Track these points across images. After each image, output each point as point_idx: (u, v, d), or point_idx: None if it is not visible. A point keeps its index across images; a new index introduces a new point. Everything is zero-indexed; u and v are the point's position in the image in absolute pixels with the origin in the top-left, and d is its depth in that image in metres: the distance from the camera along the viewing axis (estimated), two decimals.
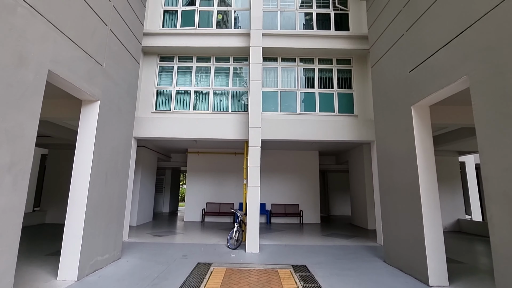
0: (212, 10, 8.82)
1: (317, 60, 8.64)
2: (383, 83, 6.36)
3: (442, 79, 4.35)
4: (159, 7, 8.77)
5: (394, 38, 5.89)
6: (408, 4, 5.38)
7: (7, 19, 3.35)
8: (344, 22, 8.80)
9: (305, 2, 8.92)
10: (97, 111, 5.25)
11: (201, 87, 8.47)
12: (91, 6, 4.96)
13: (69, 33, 4.42)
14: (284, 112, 8.25)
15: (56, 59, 4.15)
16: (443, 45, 4.36)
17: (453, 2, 4.18)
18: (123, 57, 6.24)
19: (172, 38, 8.31)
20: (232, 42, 8.24)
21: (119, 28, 6.04)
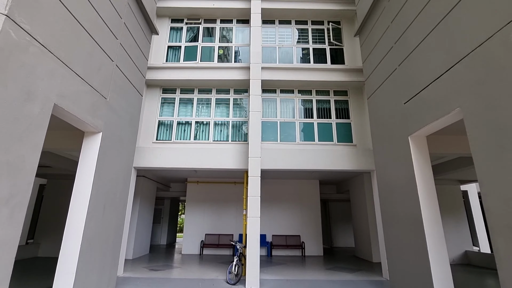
0: (214, 45, 9.29)
1: (314, 91, 8.92)
2: (379, 114, 6.51)
3: (436, 111, 4.48)
4: (164, 43, 9.24)
5: (387, 72, 6.15)
6: (399, 41, 5.69)
7: (19, 58, 3.53)
8: (339, 56, 9.21)
9: (301, 38, 9.42)
10: (98, 142, 5.32)
11: (202, 117, 8.65)
12: (99, 44, 5.25)
13: (77, 69, 4.63)
14: (284, 141, 8.34)
15: (63, 94, 4.30)
16: (434, 78, 4.54)
17: (441, 39, 4.43)
18: (127, 90, 6.46)
19: (175, 72, 8.66)
20: (233, 75, 8.57)
21: (125, 63, 6.33)
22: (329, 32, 9.32)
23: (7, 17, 3.35)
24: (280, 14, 9.40)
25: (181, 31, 9.47)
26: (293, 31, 9.50)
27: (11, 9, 3.39)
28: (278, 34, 9.47)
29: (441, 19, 4.40)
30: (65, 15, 4.34)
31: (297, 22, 9.54)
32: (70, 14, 4.43)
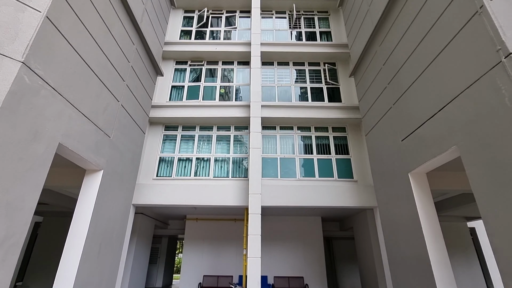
0: (216, 85, 9.71)
1: (313, 128, 9.11)
2: (378, 150, 6.59)
3: (433, 148, 4.55)
4: (168, 83, 9.67)
5: (383, 110, 6.36)
6: (392, 82, 5.98)
7: (30, 100, 3.71)
8: (336, 95, 9.57)
9: (299, 78, 9.88)
10: (99, 180, 5.34)
11: (202, 154, 8.74)
12: (107, 86, 5.52)
13: (84, 109, 4.82)
14: (284, 177, 8.32)
15: (68, 133, 4.43)
16: (429, 117, 4.69)
17: (432, 81, 4.66)
18: (130, 129, 6.64)
19: (177, 110, 8.94)
20: (233, 112, 8.84)
21: (130, 103, 6.58)
22: (325, 73, 9.79)
23: (23, 64, 3.59)
24: (278, 57, 9.96)
25: (184, 72, 9.97)
26: (291, 71, 9.99)
27: (27, 56, 3.64)
28: (277, 74, 9.95)
29: (430, 62, 4.68)
30: (77, 60, 4.64)
31: (295, 64, 10.08)
32: (81, 59, 4.74)
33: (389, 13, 6.24)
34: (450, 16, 4.20)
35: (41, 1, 3.93)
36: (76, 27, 4.59)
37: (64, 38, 4.29)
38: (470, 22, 3.78)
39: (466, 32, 3.87)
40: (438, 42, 4.47)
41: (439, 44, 4.43)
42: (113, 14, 5.74)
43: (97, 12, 5.18)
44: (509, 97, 3.21)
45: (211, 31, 10.61)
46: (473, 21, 3.74)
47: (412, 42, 5.21)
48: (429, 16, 4.73)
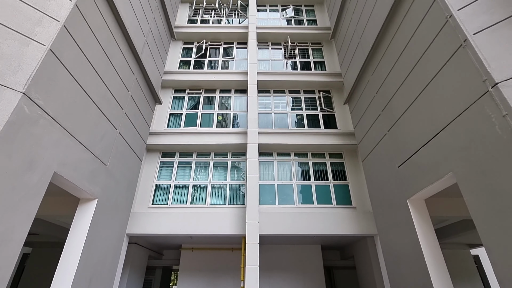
0: (213, 112, 9.87)
1: (310, 154, 9.15)
2: (375, 176, 6.59)
3: (429, 175, 4.57)
4: (166, 111, 9.82)
5: (378, 137, 6.45)
6: (385, 109, 6.13)
7: (28, 130, 3.73)
8: (332, 121, 9.74)
9: (295, 105, 10.10)
10: (93, 209, 5.22)
11: (199, 181, 8.65)
12: (105, 114, 5.59)
13: (81, 138, 4.84)
14: (282, 204, 8.19)
15: (64, 162, 4.40)
16: (423, 144, 4.76)
17: (424, 109, 4.79)
18: (127, 156, 6.62)
19: (175, 137, 8.99)
20: (231, 139, 8.90)
21: (128, 131, 6.63)
22: (320, 100, 10.04)
23: (24, 94, 3.66)
24: (274, 85, 10.25)
25: (183, 100, 10.17)
26: (287, 99, 10.24)
27: (29, 87, 3.72)
28: (274, 101, 10.18)
29: (420, 91, 4.84)
30: (77, 90, 4.74)
31: (291, 91, 10.35)
32: (81, 89, 4.84)
33: (379, 45, 6.56)
34: (437, 49, 4.42)
35: (46, 35, 4.10)
36: (78, 59, 4.74)
37: (66, 69, 4.42)
38: (455, 54, 3.97)
39: (453, 63, 4.06)
40: (427, 72, 4.66)
41: (428, 74, 4.62)
42: (114, 46, 5.97)
43: (100, 44, 5.38)
44: (499, 125, 3.29)
45: (209, 61, 10.99)
46: (458, 53, 3.93)
47: (403, 72, 5.43)
48: (417, 48, 4.97)
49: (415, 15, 5.02)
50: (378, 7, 6.57)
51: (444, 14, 4.19)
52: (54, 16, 4.29)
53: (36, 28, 4.05)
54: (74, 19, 4.58)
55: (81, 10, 4.77)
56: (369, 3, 7.15)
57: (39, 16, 4.15)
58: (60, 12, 4.37)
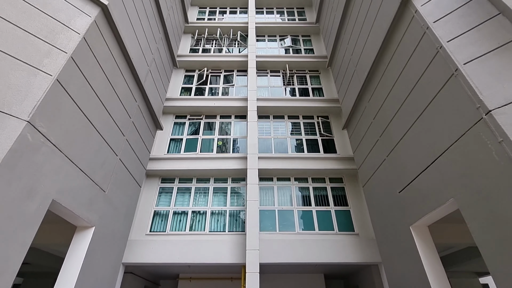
0: (213, 137, 9.97)
1: (310, 179, 9.11)
2: (376, 202, 6.52)
3: (431, 201, 4.53)
4: (167, 136, 9.91)
5: (377, 162, 6.47)
6: (383, 135, 6.22)
7: (30, 157, 3.76)
8: (331, 146, 9.80)
9: (294, 130, 10.22)
10: (89, 238, 5.11)
11: (198, 207, 8.53)
12: (107, 141, 5.65)
13: (82, 164, 4.85)
14: (283, 231, 8.01)
15: (63, 189, 4.38)
16: (422, 169, 4.77)
17: (421, 135, 4.86)
18: (126, 182, 6.59)
19: (175, 162, 8.99)
20: (231, 164, 8.90)
21: (128, 157, 6.66)
22: (319, 125, 10.18)
23: (28, 122, 3.73)
24: (274, 111, 10.45)
25: (183, 125, 10.31)
26: (286, 124, 10.39)
27: (33, 116, 3.80)
28: (273, 126, 10.32)
29: (416, 118, 4.94)
30: (81, 117, 4.83)
31: (290, 117, 10.53)
32: (85, 117, 4.94)
33: (374, 74, 6.79)
34: (430, 77, 4.59)
35: (53, 66, 4.26)
36: (83, 88, 4.89)
37: (71, 98, 4.54)
38: (448, 82, 4.11)
39: (446, 91, 4.19)
40: (422, 100, 4.79)
41: (423, 102, 4.74)
42: (119, 75, 6.18)
43: (104, 74, 5.57)
44: (496, 152, 3.33)
45: (210, 88, 11.30)
46: (450, 82, 4.07)
47: (398, 99, 5.57)
48: (410, 76, 5.15)
49: (407, 45, 5.26)
50: (372, 38, 6.89)
51: (435, 45, 4.40)
52: (63, 48, 4.49)
53: (45, 60, 4.23)
54: (81, 50, 4.79)
55: (89, 43, 5.00)
56: (363, 35, 7.51)
57: (48, 48, 4.35)
58: (68, 44, 4.58)
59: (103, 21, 5.50)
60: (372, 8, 6.94)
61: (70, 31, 4.73)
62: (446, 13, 4.44)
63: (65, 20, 4.75)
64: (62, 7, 4.85)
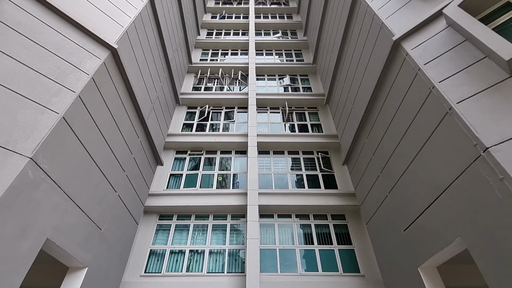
0: (214, 173, 9.93)
1: (312, 216, 8.89)
2: (381, 241, 6.30)
3: (438, 240, 4.39)
4: (167, 172, 9.87)
5: (380, 198, 6.38)
6: (383, 171, 6.22)
7: (28, 194, 3.72)
8: (331, 181, 9.72)
9: (295, 166, 10.23)
10: (81, 280, 4.85)
11: (196, 245, 8.20)
12: (107, 177, 5.63)
13: (80, 201, 4.78)
14: (285, 272, 7.61)
15: (59, 227, 4.27)
16: (426, 206, 4.69)
17: (422, 171, 4.86)
18: (124, 220, 6.43)
19: (174, 198, 8.85)
20: (230, 200, 8.75)
21: (127, 193, 6.58)
22: (319, 161, 10.21)
23: (31, 159, 3.76)
24: (274, 146, 10.56)
25: (184, 161, 10.34)
26: (286, 159, 10.42)
27: (36, 153, 3.84)
28: (273, 162, 10.34)
29: (415, 154, 4.98)
30: (83, 154, 4.88)
31: (290, 152, 10.60)
32: (87, 153, 4.98)
33: (371, 111, 7.00)
34: (425, 115, 4.73)
35: (61, 105, 4.41)
36: (88, 125, 5.01)
37: (75, 135, 4.62)
38: (443, 121, 4.23)
39: (443, 129, 4.29)
40: (419, 136, 4.88)
41: (421, 138, 4.83)
42: (123, 112, 6.36)
43: (109, 111, 5.74)
44: (498, 189, 3.32)
45: (211, 124, 11.54)
46: (446, 120, 4.19)
47: (396, 135, 5.68)
48: (406, 114, 5.31)
49: (401, 85, 5.50)
50: (367, 78, 7.23)
51: (427, 85, 4.61)
52: (71, 88, 4.69)
53: (53, 98, 4.39)
54: (89, 90, 4.99)
55: (97, 82, 5.23)
56: (358, 75, 7.89)
57: (57, 88, 4.54)
58: (77, 84, 4.79)
59: (111, 63, 5.81)
60: (365, 51, 7.39)
61: (80, 72, 4.98)
62: (435, 56, 4.73)
63: (76, 62, 5.03)
64: (75, 50, 5.16)
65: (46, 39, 4.83)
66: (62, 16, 5.28)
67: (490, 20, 4.40)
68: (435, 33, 4.99)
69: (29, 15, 4.82)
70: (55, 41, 4.95)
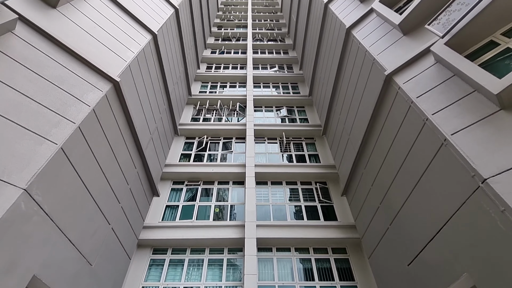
0: (210, 204, 9.73)
1: (312, 249, 8.57)
2: (385, 276, 6.03)
3: (444, 275, 4.21)
4: (162, 203, 9.65)
5: (381, 231, 6.22)
6: (383, 202, 6.14)
7: (18, 228, 3.59)
8: (331, 213, 9.53)
9: (293, 197, 10.08)
10: None
11: (191, 282, 7.77)
12: (101, 209, 5.49)
13: (71, 235, 4.61)
14: None
15: (47, 263, 4.06)
16: (429, 239, 4.57)
17: (422, 202, 4.81)
18: (116, 254, 6.15)
19: (169, 231, 8.55)
20: (227, 233, 8.48)
21: (121, 226, 6.37)
22: (317, 191, 10.10)
23: (25, 191, 3.68)
24: (271, 177, 10.49)
25: (181, 191, 10.17)
26: (284, 190, 10.30)
27: (31, 184, 3.78)
28: (271, 192, 10.21)
29: (414, 186, 4.96)
30: (79, 185, 4.80)
31: (288, 183, 10.51)
32: (83, 184, 4.90)
33: (367, 142, 7.09)
34: (421, 147, 4.79)
35: (60, 136, 4.43)
36: (86, 156, 4.99)
37: (72, 166, 4.59)
38: (439, 152, 4.29)
39: (440, 160, 4.32)
40: (417, 167, 4.90)
41: (418, 169, 4.85)
42: (121, 143, 6.38)
43: (108, 142, 5.76)
44: (500, 221, 3.27)
45: (209, 154, 11.56)
46: (442, 151, 4.25)
47: (393, 166, 5.70)
48: (402, 145, 5.38)
49: (396, 117, 5.64)
50: (362, 110, 7.43)
51: (421, 117, 4.74)
52: (72, 119, 4.74)
53: (53, 129, 4.42)
54: (89, 121, 5.05)
55: (97, 114, 5.31)
56: (353, 107, 8.12)
57: (58, 119, 4.59)
58: (78, 115, 4.86)
59: (113, 95, 5.96)
60: (359, 84, 7.68)
61: (82, 103, 5.07)
62: (426, 90, 4.91)
63: (78, 94, 5.15)
64: (78, 83, 5.31)
65: (51, 72, 4.99)
66: (68, 51, 5.50)
67: (476, 57, 4.66)
68: (425, 68, 5.24)
69: (36, 50, 5.03)
70: (60, 74, 5.11)
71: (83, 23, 6.44)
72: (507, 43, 4.38)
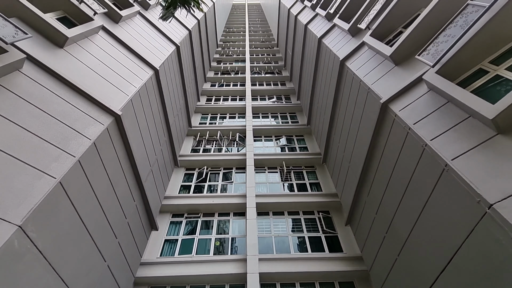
0: (211, 237, 9.40)
1: (318, 284, 8.12)
2: None
3: None
4: (161, 237, 9.33)
5: (389, 262, 5.95)
6: (389, 231, 5.95)
7: (9, 267, 3.42)
8: (335, 243, 9.18)
9: (296, 227, 9.78)
10: None
11: None
12: (97, 245, 5.29)
13: (65, 274, 4.39)
14: None
15: None
16: (439, 271, 4.35)
17: (429, 230, 4.66)
18: None
19: (168, 267, 8.17)
20: (228, 268, 8.08)
21: (117, 263, 6.09)
22: (320, 221, 9.82)
23: (19, 227, 3.57)
24: (273, 207, 10.27)
25: (180, 224, 9.88)
26: (287, 220, 10.02)
27: (26, 220, 3.68)
28: (273, 223, 9.92)
29: (419, 214, 4.84)
30: (75, 220, 4.67)
31: (290, 213, 10.26)
32: (79, 219, 4.78)
33: (368, 169, 7.05)
34: (422, 173, 4.75)
35: (59, 169, 4.40)
36: (84, 189, 4.92)
37: (69, 200, 4.50)
38: (442, 177, 4.24)
39: (443, 185, 4.26)
40: (420, 194, 4.82)
41: (422, 196, 4.76)
42: (121, 176, 6.33)
43: (107, 175, 5.72)
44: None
45: (209, 185, 11.42)
46: (444, 176, 4.20)
47: (396, 194, 5.60)
48: (404, 172, 5.34)
49: (395, 144, 5.67)
50: (360, 137, 7.49)
51: (420, 143, 4.76)
52: (72, 153, 4.75)
53: (53, 164, 4.41)
54: (89, 154, 5.06)
55: (97, 147, 5.34)
56: (352, 134, 8.20)
57: (58, 153, 4.60)
58: (78, 149, 4.88)
59: (114, 128, 6.04)
60: (356, 112, 7.83)
61: (83, 137, 5.12)
62: (423, 116, 4.99)
63: (80, 128, 5.21)
64: (80, 117, 5.41)
65: (54, 108, 5.10)
66: (72, 87, 5.68)
67: (467, 84, 4.80)
68: (419, 96, 5.37)
69: (41, 87, 5.19)
70: (63, 109, 5.22)
71: (88, 61, 6.73)
72: (495, 70, 4.54)
